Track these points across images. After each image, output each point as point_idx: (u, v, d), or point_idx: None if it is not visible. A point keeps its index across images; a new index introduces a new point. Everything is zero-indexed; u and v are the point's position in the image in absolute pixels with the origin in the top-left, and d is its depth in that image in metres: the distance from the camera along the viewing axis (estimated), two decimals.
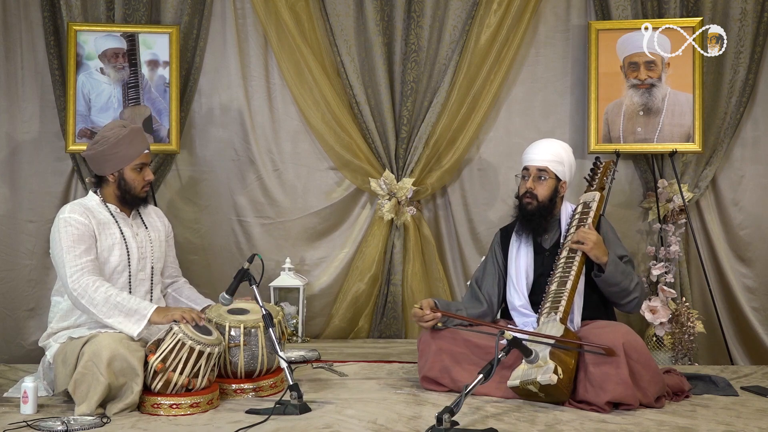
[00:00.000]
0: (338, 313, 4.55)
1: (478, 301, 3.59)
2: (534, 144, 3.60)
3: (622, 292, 3.40)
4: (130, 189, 3.36)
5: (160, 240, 3.52)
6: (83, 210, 3.31)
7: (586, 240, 3.34)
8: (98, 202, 3.39)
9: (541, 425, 2.92)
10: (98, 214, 3.34)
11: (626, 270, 3.40)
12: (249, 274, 3.34)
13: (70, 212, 3.28)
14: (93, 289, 3.16)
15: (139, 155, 3.35)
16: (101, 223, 3.33)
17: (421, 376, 3.43)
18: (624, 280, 3.38)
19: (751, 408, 3.21)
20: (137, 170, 3.36)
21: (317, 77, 4.46)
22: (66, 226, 3.25)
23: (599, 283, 3.40)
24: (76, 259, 3.20)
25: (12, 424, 2.93)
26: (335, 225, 4.64)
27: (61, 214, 3.29)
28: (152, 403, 3.06)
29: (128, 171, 3.35)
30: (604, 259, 3.34)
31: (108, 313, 3.14)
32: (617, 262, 3.38)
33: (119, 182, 3.36)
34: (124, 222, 3.40)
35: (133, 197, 3.39)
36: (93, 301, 3.15)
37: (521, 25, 4.46)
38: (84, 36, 4.29)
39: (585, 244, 3.34)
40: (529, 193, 3.53)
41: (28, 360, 4.19)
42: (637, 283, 3.42)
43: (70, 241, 3.22)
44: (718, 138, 4.41)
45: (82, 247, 3.23)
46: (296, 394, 3.07)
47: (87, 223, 3.27)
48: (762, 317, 4.42)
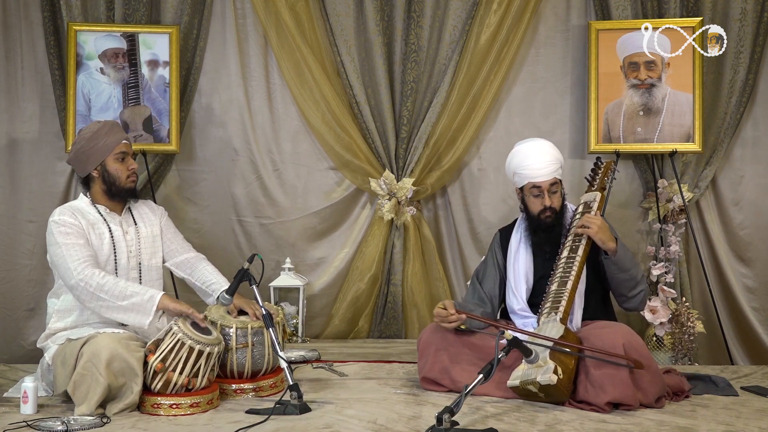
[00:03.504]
0: (338, 313, 4.55)
1: (482, 301, 3.59)
2: (531, 159, 3.49)
3: (631, 281, 3.39)
4: (115, 180, 3.37)
5: (153, 234, 3.51)
6: (72, 212, 3.34)
7: (591, 224, 3.33)
8: (87, 204, 3.41)
9: (541, 425, 2.92)
10: (87, 215, 3.37)
11: (632, 257, 3.41)
12: (249, 274, 3.34)
13: (60, 215, 3.32)
14: (100, 276, 3.19)
15: (117, 144, 3.37)
16: (90, 223, 3.35)
17: (421, 376, 3.42)
18: (633, 267, 3.38)
19: (751, 408, 3.21)
20: (119, 160, 3.37)
21: (317, 77, 4.46)
22: (58, 227, 3.27)
23: (609, 268, 3.37)
24: (77, 253, 3.22)
25: (12, 424, 2.93)
26: (335, 225, 4.64)
27: (51, 218, 3.32)
28: (152, 403, 3.06)
29: (110, 162, 3.36)
30: (611, 245, 3.33)
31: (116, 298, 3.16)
32: (625, 248, 3.38)
33: (103, 176, 3.37)
34: (113, 221, 3.40)
35: (120, 189, 3.38)
36: (103, 287, 3.17)
37: (521, 25, 4.46)
38: (84, 36, 4.29)
39: (590, 228, 3.33)
40: (549, 209, 3.49)
41: (28, 360, 4.19)
42: (643, 275, 3.43)
43: (65, 237, 3.25)
44: (718, 138, 4.41)
45: (80, 242, 3.26)
46: (296, 394, 3.06)
47: (77, 223, 3.30)
48: (762, 317, 4.42)
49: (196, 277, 3.57)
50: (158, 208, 3.64)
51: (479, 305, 3.56)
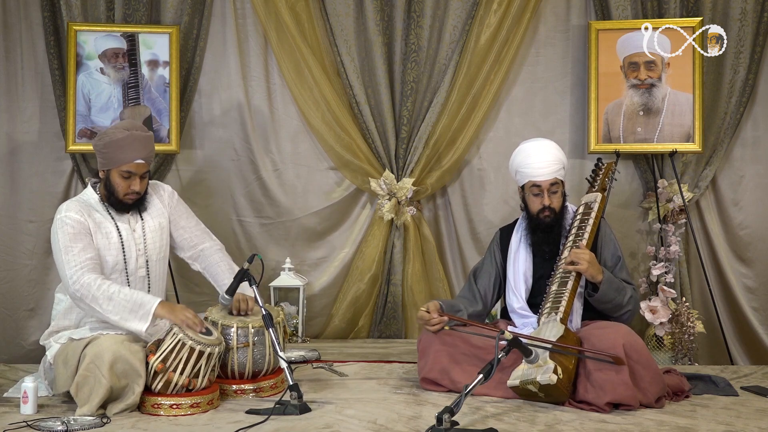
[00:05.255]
0: (338, 313, 4.55)
1: (474, 298, 3.60)
2: (533, 157, 3.50)
3: (615, 308, 3.41)
4: (113, 192, 3.32)
5: (161, 227, 3.45)
6: (80, 207, 3.30)
7: (581, 260, 3.32)
8: (96, 200, 3.38)
9: (541, 425, 2.92)
10: (94, 213, 3.33)
11: (620, 286, 3.40)
12: (249, 274, 3.33)
13: (67, 210, 3.27)
14: (95, 287, 3.15)
15: (127, 163, 3.27)
16: (97, 223, 3.31)
17: (421, 377, 3.42)
18: (617, 296, 3.39)
19: (751, 408, 3.21)
20: (123, 177, 3.30)
21: (317, 77, 4.46)
22: (62, 226, 3.24)
23: (592, 302, 3.40)
24: (74, 258, 3.19)
25: (12, 424, 2.93)
26: (335, 225, 4.64)
27: (58, 214, 3.28)
28: (153, 404, 3.07)
29: (114, 174, 3.30)
30: (599, 278, 3.34)
31: (112, 311, 3.13)
32: (611, 280, 3.38)
33: (106, 181, 3.33)
34: (121, 219, 3.37)
35: (116, 201, 3.33)
36: (96, 300, 3.14)
37: (521, 25, 4.46)
38: (84, 36, 4.29)
39: (580, 265, 3.33)
40: (547, 209, 3.50)
41: (28, 360, 4.19)
42: (630, 297, 3.42)
43: (67, 240, 3.21)
44: (718, 138, 4.41)
45: (79, 245, 3.21)
46: (296, 394, 3.07)
47: (83, 221, 3.26)
48: (762, 317, 4.42)
49: (210, 276, 3.56)
50: (165, 191, 3.56)
51: (471, 302, 3.57)
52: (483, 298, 3.61)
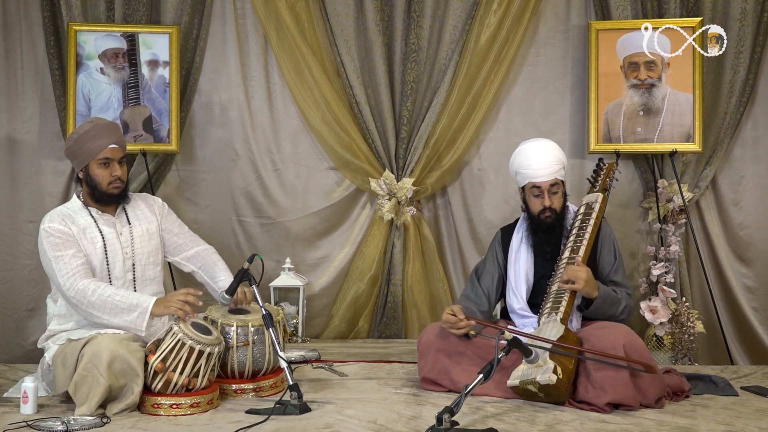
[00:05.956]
0: (338, 313, 4.55)
1: (479, 299, 3.59)
2: (532, 158, 3.50)
3: (608, 319, 3.41)
4: (97, 185, 3.30)
5: (150, 232, 3.45)
6: (62, 218, 3.29)
7: (577, 279, 3.31)
8: (80, 207, 3.36)
9: (541, 425, 2.92)
10: (78, 220, 3.31)
11: (615, 299, 3.40)
12: (249, 274, 3.33)
13: (50, 221, 3.27)
14: (90, 292, 3.16)
15: (101, 150, 3.28)
16: (81, 228, 3.30)
17: (421, 377, 3.42)
18: (610, 309, 3.39)
19: (751, 408, 3.21)
20: (103, 165, 3.29)
21: (317, 77, 4.46)
22: (47, 237, 3.23)
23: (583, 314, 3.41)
24: (65, 267, 3.19)
25: (12, 424, 2.93)
26: (335, 225, 4.64)
27: (41, 225, 3.28)
28: (152, 403, 3.06)
29: (93, 166, 3.29)
30: (595, 294, 3.34)
31: (109, 313, 3.15)
32: (606, 295, 3.37)
33: (87, 179, 3.32)
34: (106, 224, 3.36)
35: (102, 194, 3.32)
36: (93, 305, 3.15)
37: (521, 25, 4.46)
38: (84, 36, 4.29)
39: (576, 284, 3.32)
40: (548, 209, 3.50)
41: (28, 360, 4.19)
42: (624, 307, 3.42)
43: (55, 249, 3.21)
44: (718, 138, 4.41)
45: (69, 252, 3.22)
46: (296, 394, 3.07)
47: (66, 231, 3.25)
48: (762, 317, 4.42)
49: (206, 273, 3.56)
50: (156, 202, 3.57)
51: (477, 304, 3.57)
52: (488, 299, 3.61)
